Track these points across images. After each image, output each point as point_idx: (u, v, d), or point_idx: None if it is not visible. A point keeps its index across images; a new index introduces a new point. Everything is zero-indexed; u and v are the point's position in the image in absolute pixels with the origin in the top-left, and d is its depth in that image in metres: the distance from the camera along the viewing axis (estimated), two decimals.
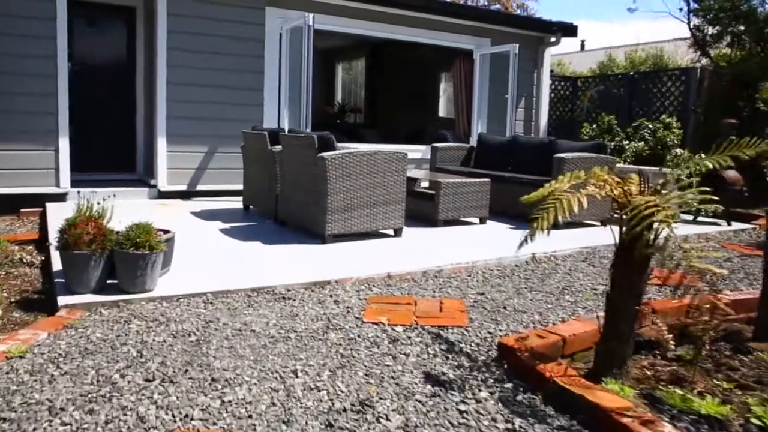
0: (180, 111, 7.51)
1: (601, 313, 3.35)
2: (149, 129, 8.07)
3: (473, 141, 10.11)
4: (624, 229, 2.77)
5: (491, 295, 3.95)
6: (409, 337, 3.01)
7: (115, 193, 7.08)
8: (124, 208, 6.71)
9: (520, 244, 2.76)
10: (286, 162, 5.74)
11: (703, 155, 8.37)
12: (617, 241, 2.79)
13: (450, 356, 2.79)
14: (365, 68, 14.77)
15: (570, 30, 10.58)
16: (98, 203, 3.40)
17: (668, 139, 9.06)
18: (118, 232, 3.36)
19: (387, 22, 8.93)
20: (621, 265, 2.75)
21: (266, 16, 7.99)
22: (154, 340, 2.72)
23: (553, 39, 10.61)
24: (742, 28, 11.93)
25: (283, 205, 5.85)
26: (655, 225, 2.53)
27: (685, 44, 14.27)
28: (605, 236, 6.19)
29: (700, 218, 7.91)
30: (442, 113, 13.13)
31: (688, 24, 12.84)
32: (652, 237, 2.58)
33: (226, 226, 5.85)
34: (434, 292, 3.99)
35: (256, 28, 7.96)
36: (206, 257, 4.55)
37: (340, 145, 5.37)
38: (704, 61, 12.86)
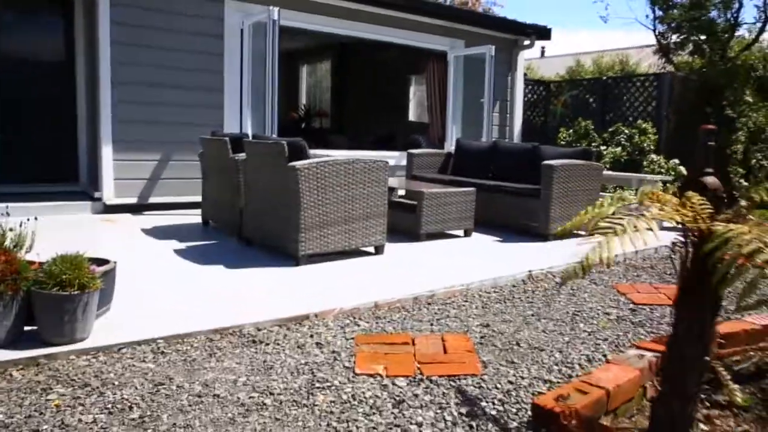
0: (128, 114, 6.73)
1: (639, 352, 2.79)
2: (93, 134, 7.24)
3: (448, 146, 9.58)
4: (689, 257, 2.22)
5: (497, 326, 3.37)
6: (416, 395, 2.39)
7: (52, 208, 6.33)
8: (60, 226, 5.94)
9: (563, 281, 2.16)
10: (251, 172, 5.06)
11: (677, 161, 8.06)
12: (679, 271, 2.24)
13: (473, 423, 2.18)
14: (331, 70, 14.11)
15: (544, 33, 10.17)
16: (11, 229, 2.67)
17: (645, 145, 8.71)
18: (40, 264, 2.64)
19: (357, 19, 8.33)
20: (689, 304, 2.19)
21: (226, 10, 7.29)
22: (80, 420, 2.00)
23: (527, 42, 10.19)
24: (703, 37, 11.86)
25: (248, 221, 5.16)
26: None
27: (649, 52, 14.12)
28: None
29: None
30: (413, 117, 12.58)
31: (654, 31, 12.67)
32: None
33: (182, 246, 5.13)
34: (431, 324, 3.38)
35: (215, 22, 7.25)
36: (157, 289, 3.84)
37: (311, 152, 4.72)
38: (669, 67, 12.74)
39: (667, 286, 4.42)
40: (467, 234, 6.05)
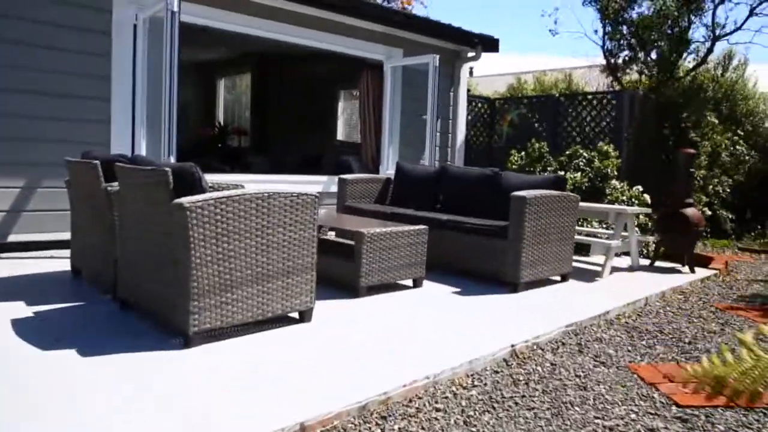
0: None
1: None
2: None
3: (384, 170, 8.39)
4: None
5: None
6: None
7: None
8: None
9: None
10: (127, 208, 3.63)
11: (640, 188, 7.17)
12: None
13: None
14: (252, 83, 12.68)
15: (491, 44, 9.20)
16: None
17: (608, 170, 7.80)
18: None
19: (278, 20, 7.01)
20: None
21: (114, 0, 5.82)
22: None
23: (471, 54, 9.19)
24: (653, 56, 11.33)
25: (124, 276, 3.72)
26: None
27: (595, 71, 13.54)
28: (579, 301, 4.66)
29: (657, 262, 6.63)
30: (343, 137, 11.32)
31: (603, 48, 12.04)
32: None
33: (29, 312, 3.62)
34: None
35: (99, 15, 5.76)
36: None
37: (217, 178, 3.38)
38: (617, 86, 12.16)
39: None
40: (417, 284, 4.81)
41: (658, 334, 3.97)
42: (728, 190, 9.73)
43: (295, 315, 3.67)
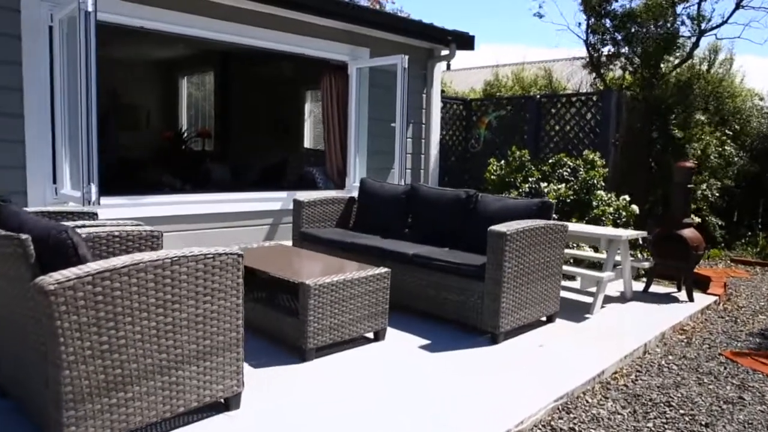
0: None
1: None
2: None
3: (350, 182, 7.61)
4: None
5: None
6: None
7: None
8: None
9: None
10: None
11: (627, 197, 6.48)
12: None
13: None
14: (214, 84, 11.79)
15: (466, 42, 8.44)
16: None
17: (595, 180, 7.11)
18: None
19: (222, 18, 6.17)
20: None
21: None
22: None
23: (445, 52, 8.43)
24: (638, 50, 10.69)
25: (1, 360, 2.93)
26: None
27: (577, 66, 12.86)
28: (568, 354, 3.97)
29: (651, 286, 5.98)
30: (309, 144, 10.52)
31: (586, 41, 11.35)
32: None
33: None
34: None
35: (7, 15, 4.90)
36: None
37: (155, 200, 2.58)
38: (599, 83, 11.50)
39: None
40: (379, 337, 4.07)
41: (667, 409, 3.28)
42: (717, 194, 9.14)
43: (221, 400, 2.91)
